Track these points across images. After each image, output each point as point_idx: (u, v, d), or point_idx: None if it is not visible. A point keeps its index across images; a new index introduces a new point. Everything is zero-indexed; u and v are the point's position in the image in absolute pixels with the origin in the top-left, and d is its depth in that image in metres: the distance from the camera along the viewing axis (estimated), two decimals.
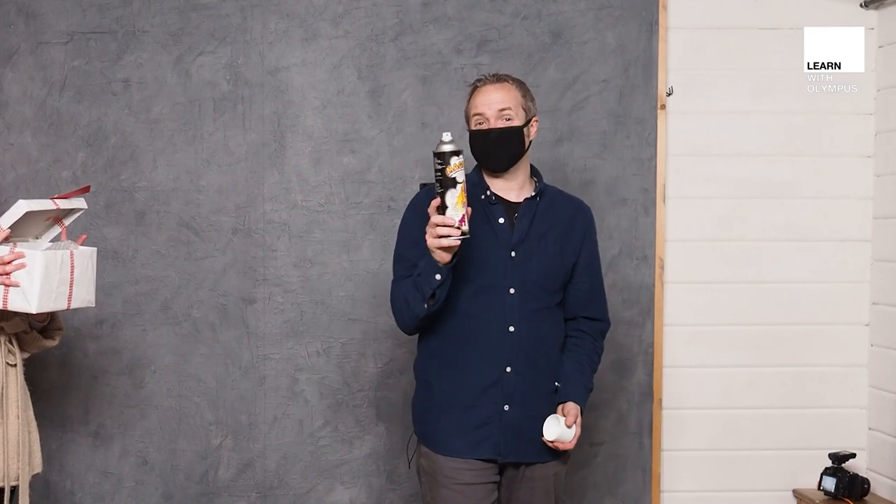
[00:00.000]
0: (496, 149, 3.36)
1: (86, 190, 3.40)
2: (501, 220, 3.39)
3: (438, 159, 3.12)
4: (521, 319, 3.36)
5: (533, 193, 3.44)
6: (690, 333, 4.61)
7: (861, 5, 4.54)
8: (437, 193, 3.14)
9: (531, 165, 3.50)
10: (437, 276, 3.22)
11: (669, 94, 4.51)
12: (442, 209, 3.13)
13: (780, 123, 4.60)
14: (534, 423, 3.37)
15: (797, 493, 4.63)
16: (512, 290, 3.37)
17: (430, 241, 3.16)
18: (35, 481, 3.60)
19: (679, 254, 4.58)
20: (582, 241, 3.50)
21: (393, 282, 3.45)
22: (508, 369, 3.36)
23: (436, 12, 4.45)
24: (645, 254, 4.53)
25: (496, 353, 3.36)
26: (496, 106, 3.34)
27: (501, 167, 3.40)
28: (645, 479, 4.57)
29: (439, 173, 3.13)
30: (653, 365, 4.55)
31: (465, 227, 3.14)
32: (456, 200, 3.13)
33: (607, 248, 4.43)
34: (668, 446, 4.62)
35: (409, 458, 3.61)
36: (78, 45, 4.40)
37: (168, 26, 4.41)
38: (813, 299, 4.64)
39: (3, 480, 3.30)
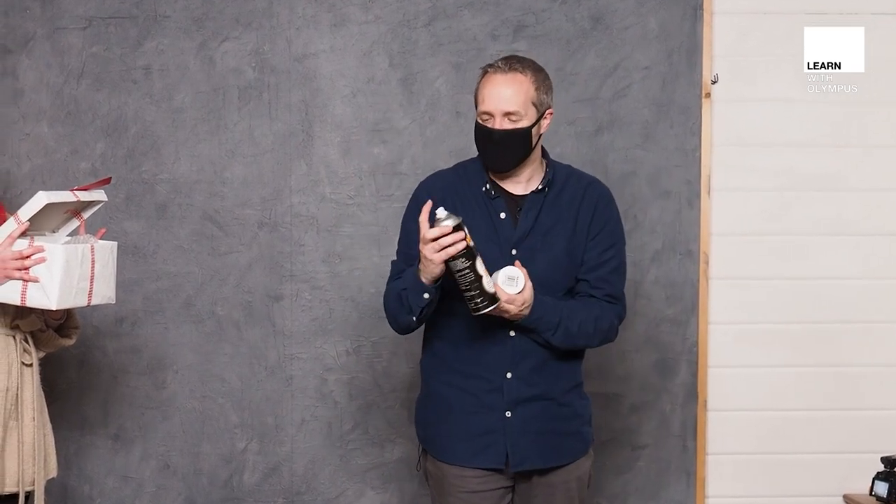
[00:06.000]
0: (500, 151, 3.19)
1: (106, 182, 3.36)
2: (503, 216, 3.24)
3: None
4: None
5: (540, 186, 3.26)
6: (736, 332, 4.50)
7: None
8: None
9: (542, 149, 3.32)
10: (426, 296, 3.11)
11: (714, 82, 4.40)
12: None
13: (829, 112, 4.49)
14: (541, 428, 3.24)
15: (848, 499, 4.53)
16: None
17: (435, 256, 3.00)
18: (52, 486, 3.59)
19: (724, 248, 4.47)
20: (591, 219, 3.28)
21: (388, 279, 3.34)
22: (509, 375, 3.22)
23: None
24: (689, 248, 4.42)
25: (497, 359, 3.23)
26: (503, 106, 3.14)
27: (504, 169, 3.23)
28: (689, 484, 4.48)
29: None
30: (697, 365, 4.45)
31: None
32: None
33: (649, 243, 4.38)
34: (713, 449, 4.51)
35: (418, 460, 3.48)
36: (97, 30, 4.32)
37: (191, 11, 4.33)
38: (863, 296, 4.53)
39: (19, 485, 3.28)
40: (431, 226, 2.99)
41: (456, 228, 2.96)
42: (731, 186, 4.45)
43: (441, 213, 2.98)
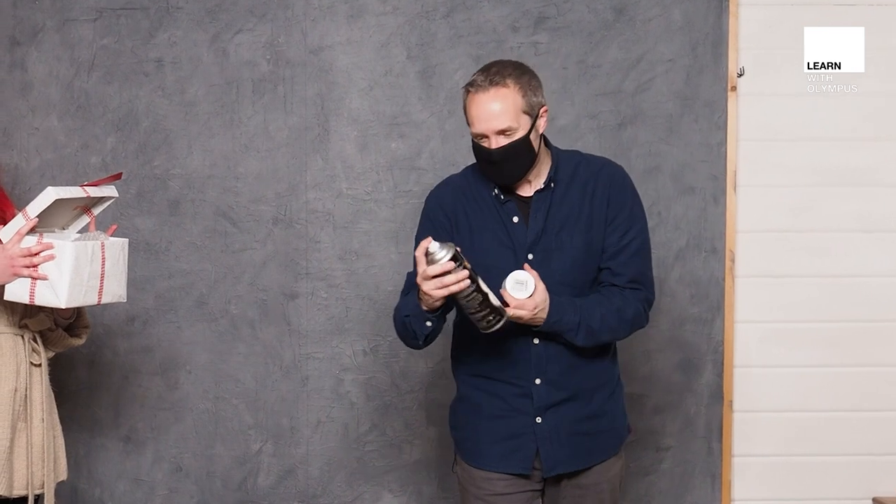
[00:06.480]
0: (503, 168, 3.10)
1: (117, 177, 3.32)
2: (515, 219, 3.14)
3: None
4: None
5: (543, 184, 3.16)
6: (763, 331, 4.43)
7: None
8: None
9: (545, 139, 3.21)
10: (428, 324, 3.07)
11: (740, 75, 4.32)
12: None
13: (858, 106, 4.41)
14: (572, 430, 3.16)
15: (877, 502, 4.46)
16: None
17: (435, 292, 2.92)
18: (62, 489, 3.57)
19: (751, 246, 4.40)
20: (607, 205, 3.17)
21: (401, 291, 3.29)
22: (538, 381, 3.14)
23: None
24: (714, 246, 4.35)
25: (522, 367, 3.15)
26: (495, 125, 3.03)
27: (513, 183, 3.14)
28: (714, 486, 4.41)
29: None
30: (723, 364, 4.38)
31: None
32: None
33: (674, 240, 4.31)
34: (739, 451, 4.45)
35: (453, 461, 3.42)
36: (107, 22, 4.27)
37: (204, 2, 4.28)
38: (892, 294, 4.46)
39: (28, 488, 3.26)
40: (428, 260, 2.90)
41: (452, 258, 2.86)
42: (758, 182, 4.39)
43: (434, 247, 2.88)
